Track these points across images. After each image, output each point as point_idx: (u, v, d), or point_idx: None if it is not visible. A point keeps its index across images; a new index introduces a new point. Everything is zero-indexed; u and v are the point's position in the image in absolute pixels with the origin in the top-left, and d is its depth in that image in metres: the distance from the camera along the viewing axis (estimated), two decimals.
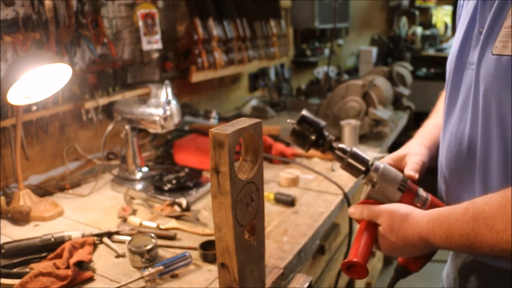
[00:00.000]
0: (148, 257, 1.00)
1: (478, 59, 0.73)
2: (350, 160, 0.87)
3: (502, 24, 0.68)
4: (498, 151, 0.73)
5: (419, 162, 0.92)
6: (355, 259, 0.78)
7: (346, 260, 0.79)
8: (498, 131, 0.72)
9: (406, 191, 0.85)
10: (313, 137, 0.87)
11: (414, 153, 0.95)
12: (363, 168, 0.87)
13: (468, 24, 0.80)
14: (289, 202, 1.30)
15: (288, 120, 0.88)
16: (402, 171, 0.90)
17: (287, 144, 1.77)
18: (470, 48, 0.79)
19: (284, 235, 1.13)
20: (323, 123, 0.88)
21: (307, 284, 0.98)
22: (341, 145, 0.89)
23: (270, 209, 1.28)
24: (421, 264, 0.86)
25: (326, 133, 0.88)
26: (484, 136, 0.74)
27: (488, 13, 0.72)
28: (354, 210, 0.86)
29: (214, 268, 0.99)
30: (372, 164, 0.87)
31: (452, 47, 0.88)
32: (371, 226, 0.83)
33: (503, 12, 0.69)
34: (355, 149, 0.88)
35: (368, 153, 1.74)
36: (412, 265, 0.87)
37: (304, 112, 0.88)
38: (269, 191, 1.35)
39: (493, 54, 0.69)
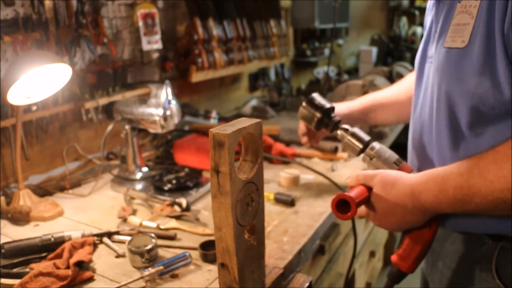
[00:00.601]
0: (148, 257, 1.00)
1: (434, 53, 0.86)
2: (349, 138, 0.96)
3: (451, 22, 0.81)
4: (448, 129, 0.83)
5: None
6: (345, 195, 0.81)
7: (338, 195, 0.82)
8: (448, 114, 0.82)
9: (402, 167, 0.90)
10: (318, 115, 0.97)
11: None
12: (360, 146, 0.95)
13: (429, 25, 0.94)
14: (289, 202, 1.30)
15: (302, 100, 0.96)
16: None
17: (287, 144, 1.77)
18: (429, 44, 0.92)
19: (284, 235, 1.13)
20: (329, 104, 0.98)
21: (307, 284, 0.98)
22: (344, 126, 0.98)
23: (270, 209, 1.28)
24: (414, 264, 0.85)
25: (333, 115, 0.98)
26: (437, 118, 0.85)
27: (441, 14, 0.86)
28: (351, 179, 0.90)
29: (214, 268, 0.99)
30: (370, 142, 0.95)
31: (419, 46, 1.02)
32: (365, 189, 0.86)
33: (451, 12, 0.81)
34: (355, 129, 0.97)
35: None
36: (405, 265, 0.85)
37: (314, 94, 0.98)
38: (269, 191, 1.35)
39: (444, 47, 0.81)
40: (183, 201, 1.26)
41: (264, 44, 2.48)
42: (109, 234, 1.13)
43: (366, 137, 0.96)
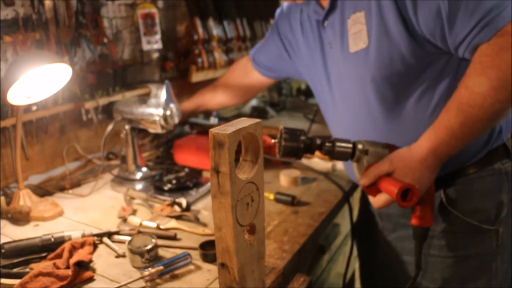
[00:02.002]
0: (148, 257, 1.00)
1: (342, 61, 1.09)
2: (338, 145, 1.00)
3: (347, 34, 1.06)
4: (379, 104, 1.07)
5: None
6: (407, 183, 0.88)
7: (401, 186, 0.87)
8: (377, 92, 1.06)
9: (390, 146, 0.99)
10: (302, 146, 0.98)
11: None
12: (350, 146, 1.00)
13: (319, 46, 1.19)
14: (289, 202, 1.30)
15: (273, 141, 1.02)
16: None
17: None
18: (328, 60, 1.17)
19: (284, 235, 1.13)
20: (303, 130, 1.01)
21: (307, 284, 0.98)
22: (324, 141, 1.02)
23: (270, 209, 1.28)
24: (432, 216, 0.96)
25: (308, 138, 1.00)
26: (366, 100, 1.08)
27: (332, 35, 1.12)
28: (365, 177, 0.97)
29: (214, 268, 0.99)
30: (353, 142, 1.01)
31: (312, 62, 1.25)
32: (387, 179, 0.92)
33: (344, 28, 1.07)
34: (334, 137, 1.03)
35: None
36: (427, 222, 0.95)
37: (285, 129, 0.99)
38: (269, 191, 1.35)
39: (351, 53, 1.06)
40: (183, 201, 1.26)
41: None
42: (109, 234, 1.13)
43: (347, 140, 1.02)
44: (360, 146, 0.99)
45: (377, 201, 0.96)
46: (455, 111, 0.89)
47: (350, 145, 1.00)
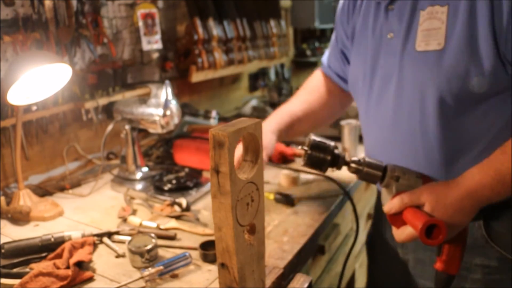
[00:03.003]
0: (148, 257, 1.00)
1: (400, 57, 0.93)
2: (367, 169, 0.91)
3: (417, 28, 0.90)
4: (436, 120, 0.91)
5: (265, 158, 1.06)
6: (434, 219, 0.78)
7: (426, 220, 0.78)
8: (437, 107, 0.90)
9: (423, 177, 0.89)
10: (328, 158, 0.91)
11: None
12: (380, 169, 0.90)
13: (371, 34, 1.01)
14: (289, 202, 1.30)
15: (299, 147, 0.95)
16: None
17: (287, 144, 1.77)
18: (379, 52, 1.00)
19: (284, 235, 1.13)
20: (333, 143, 0.93)
21: (307, 284, 0.98)
22: (353, 158, 0.93)
23: (270, 209, 1.28)
24: (460, 263, 0.86)
25: (337, 151, 0.93)
26: (422, 113, 0.92)
27: (396, 23, 0.94)
28: (391, 204, 0.86)
29: (214, 268, 0.99)
30: (386, 165, 0.91)
31: (358, 56, 1.08)
32: (415, 211, 0.82)
33: (414, 19, 0.91)
34: (367, 158, 0.92)
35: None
36: (453, 269, 0.85)
37: (313, 136, 0.92)
38: (269, 191, 1.35)
39: (417, 51, 0.90)
40: (183, 201, 1.26)
41: (264, 44, 2.48)
42: (109, 234, 1.13)
43: (379, 162, 0.93)
44: (391, 171, 0.89)
45: (399, 233, 0.86)
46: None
47: (381, 168, 0.91)
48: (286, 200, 1.31)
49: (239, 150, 0.91)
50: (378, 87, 1.01)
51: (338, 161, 0.93)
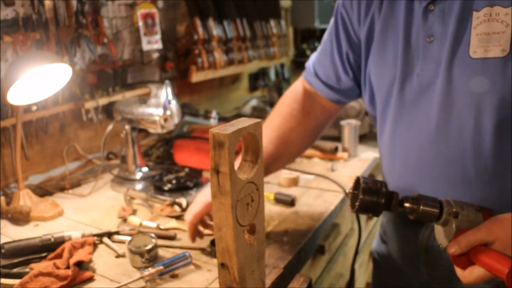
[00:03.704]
0: (148, 257, 1.00)
1: (448, 65, 0.82)
2: (423, 208, 0.82)
3: (470, 32, 0.79)
4: (494, 139, 0.80)
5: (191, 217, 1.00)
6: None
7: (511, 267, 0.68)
8: (495, 123, 0.80)
9: (482, 210, 0.81)
10: (382, 201, 0.81)
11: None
12: (437, 206, 0.81)
13: (404, 37, 0.89)
14: (289, 202, 1.30)
15: (347, 190, 0.83)
16: None
17: None
18: (413, 58, 0.88)
19: (284, 235, 1.13)
20: (384, 182, 0.83)
21: (307, 284, 0.98)
22: (407, 197, 0.83)
23: (270, 209, 1.28)
24: None
25: (389, 191, 0.83)
26: (477, 132, 0.81)
27: (438, 24, 0.83)
28: (455, 245, 0.76)
29: (214, 268, 0.99)
30: (441, 201, 0.82)
31: (382, 62, 0.94)
32: (486, 251, 0.74)
33: (466, 21, 0.79)
34: (418, 194, 0.83)
35: (368, 153, 1.74)
36: None
37: (364, 179, 0.82)
38: (269, 191, 1.35)
39: (473, 58, 0.79)
40: (183, 201, 1.26)
41: (264, 44, 2.48)
42: (109, 234, 1.13)
43: (432, 198, 0.83)
44: (448, 207, 0.80)
45: (467, 275, 0.75)
46: None
47: (437, 205, 0.81)
48: (286, 200, 1.31)
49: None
50: (413, 98, 0.89)
51: (391, 203, 0.83)
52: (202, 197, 1.04)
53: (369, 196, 0.81)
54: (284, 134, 1.09)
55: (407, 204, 0.82)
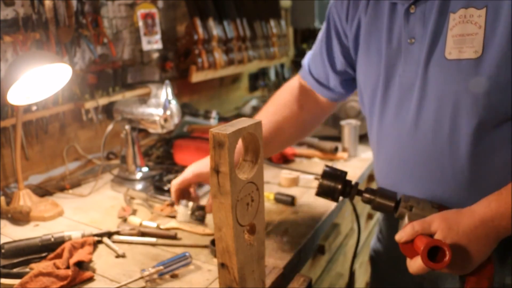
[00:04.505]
0: (197, 215, 1.08)
1: (424, 65, 0.83)
2: (380, 200, 0.89)
3: (446, 33, 0.80)
4: (470, 135, 0.82)
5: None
6: (437, 240, 0.74)
7: (428, 242, 0.74)
8: (469, 121, 0.81)
9: (440, 207, 0.84)
10: (339, 187, 0.91)
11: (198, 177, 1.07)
12: (393, 203, 0.88)
13: (387, 39, 0.90)
14: (289, 202, 1.30)
15: (314, 177, 0.91)
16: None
17: None
18: (396, 59, 0.89)
19: (284, 235, 1.13)
20: (345, 172, 0.93)
21: (307, 284, 0.98)
22: (368, 188, 0.91)
23: (270, 209, 1.28)
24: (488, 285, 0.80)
25: (349, 180, 0.92)
26: (453, 128, 0.83)
27: (419, 26, 0.84)
28: (403, 232, 0.81)
29: (214, 268, 0.99)
30: (400, 196, 0.88)
31: (368, 62, 0.97)
32: (422, 237, 0.78)
33: (443, 23, 0.81)
34: (381, 187, 0.90)
35: (368, 153, 1.74)
36: None
37: (326, 168, 0.93)
38: (269, 191, 1.35)
39: (448, 59, 0.80)
40: (183, 201, 1.26)
41: (264, 44, 2.48)
42: (109, 234, 1.13)
43: (391, 192, 0.91)
44: (405, 201, 0.86)
45: (412, 264, 0.79)
46: None
47: (394, 199, 0.88)
48: (286, 200, 1.31)
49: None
50: (396, 98, 0.92)
51: (350, 191, 0.92)
52: (193, 167, 1.08)
53: (328, 181, 0.91)
54: (277, 122, 1.12)
55: (365, 195, 0.91)
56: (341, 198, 0.94)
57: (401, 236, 0.80)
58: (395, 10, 0.89)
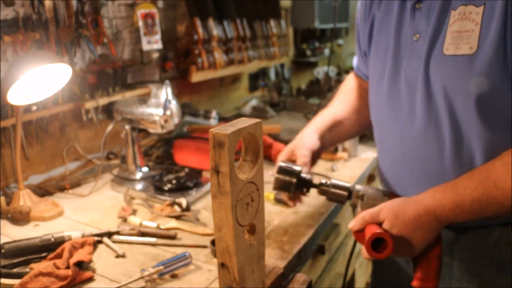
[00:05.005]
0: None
1: (425, 61, 0.85)
2: (333, 190, 0.96)
3: (446, 29, 0.82)
4: (452, 132, 0.85)
5: (307, 153, 1.05)
6: (378, 231, 0.79)
7: (372, 234, 0.79)
8: (451, 116, 0.84)
9: (391, 195, 0.91)
10: (294, 181, 0.97)
11: (301, 146, 1.07)
12: (346, 193, 0.95)
13: (395, 34, 0.93)
14: None
15: (270, 173, 1.00)
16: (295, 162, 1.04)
17: (287, 144, 1.77)
18: (401, 54, 0.92)
19: (284, 235, 1.13)
20: (298, 167, 0.99)
21: (307, 284, 0.98)
22: (322, 181, 0.98)
23: (270, 209, 1.28)
24: (437, 280, 0.85)
25: (304, 175, 0.98)
26: (453, 123, 0.85)
27: (424, 23, 0.86)
28: (354, 222, 0.86)
29: (214, 268, 0.99)
30: (351, 186, 0.95)
31: (376, 56, 1.00)
32: (373, 228, 0.83)
33: (444, 20, 0.83)
34: (333, 180, 0.97)
35: (368, 153, 1.74)
36: (429, 285, 0.85)
37: (281, 163, 0.99)
38: (269, 191, 1.35)
39: (446, 55, 0.82)
40: (183, 201, 1.26)
41: (264, 44, 2.48)
42: (109, 234, 1.13)
43: (345, 183, 0.97)
44: (357, 191, 0.93)
45: (363, 252, 0.84)
46: (477, 183, 0.77)
47: (346, 189, 0.95)
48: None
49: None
50: (400, 94, 0.93)
51: (306, 184, 0.98)
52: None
53: (283, 175, 0.97)
54: (351, 101, 1.21)
55: (320, 187, 0.97)
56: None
57: (353, 225, 0.86)
58: (405, 7, 0.92)
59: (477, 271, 0.91)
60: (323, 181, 0.98)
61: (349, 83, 1.27)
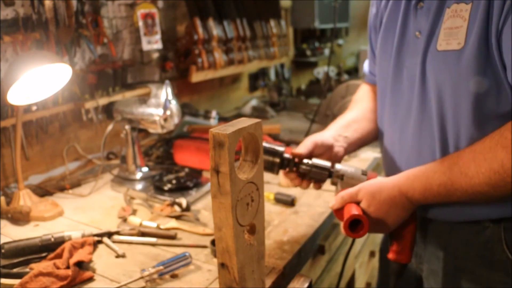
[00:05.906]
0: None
1: (423, 57, 0.89)
2: (315, 170, 1.00)
3: (441, 26, 0.85)
4: (441, 128, 0.88)
5: (308, 143, 1.05)
6: (356, 213, 0.84)
7: (350, 216, 0.84)
8: (453, 112, 0.86)
9: (369, 174, 0.97)
10: (278, 161, 1.00)
11: (307, 138, 1.08)
12: (326, 172, 0.99)
13: (400, 32, 0.96)
14: (289, 202, 1.30)
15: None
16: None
17: (287, 144, 1.77)
18: (404, 51, 0.96)
19: (284, 235, 1.13)
20: (282, 148, 1.02)
21: (307, 284, 0.98)
22: (304, 160, 1.01)
23: (270, 209, 1.28)
24: (411, 252, 0.93)
25: (286, 155, 1.01)
26: (440, 118, 0.88)
27: (424, 21, 0.90)
28: (334, 201, 0.93)
29: (214, 268, 0.99)
30: (333, 166, 1.00)
31: (382, 53, 1.03)
32: (351, 207, 0.88)
33: (440, 17, 0.86)
34: (314, 160, 1.01)
35: (368, 153, 1.74)
36: (404, 257, 0.93)
37: (265, 144, 1.01)
38: (269, 191, 1.35)
39: (438, 51, 0.85)
40: (183, 201, 1.26)
41: (264, 44, 2.48)
42: (109, 234, 1.13)
43: (327, 163, 1.01)
44: (337, 171, 0.98)
45: (342, 229, 0.89)
46: (446, 167, 0.82)
47: (326, 172, 0.99)
48: (286, 200, 1.31)
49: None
50: (402, 89, 0.97)
51: (288, 164, 1.01)
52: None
53: (267, 156, 1.00)
54: (364, 106, 1.22)
55: (303, 166, 1.01)
56: (281, 171, 1.03)
57: (333, 204, 0.93)
58: (409, 6, 0.95)
59: (470, 268, 0.93)
60: (305, 161, 1.01)
61: (360, 92, 1.28)
